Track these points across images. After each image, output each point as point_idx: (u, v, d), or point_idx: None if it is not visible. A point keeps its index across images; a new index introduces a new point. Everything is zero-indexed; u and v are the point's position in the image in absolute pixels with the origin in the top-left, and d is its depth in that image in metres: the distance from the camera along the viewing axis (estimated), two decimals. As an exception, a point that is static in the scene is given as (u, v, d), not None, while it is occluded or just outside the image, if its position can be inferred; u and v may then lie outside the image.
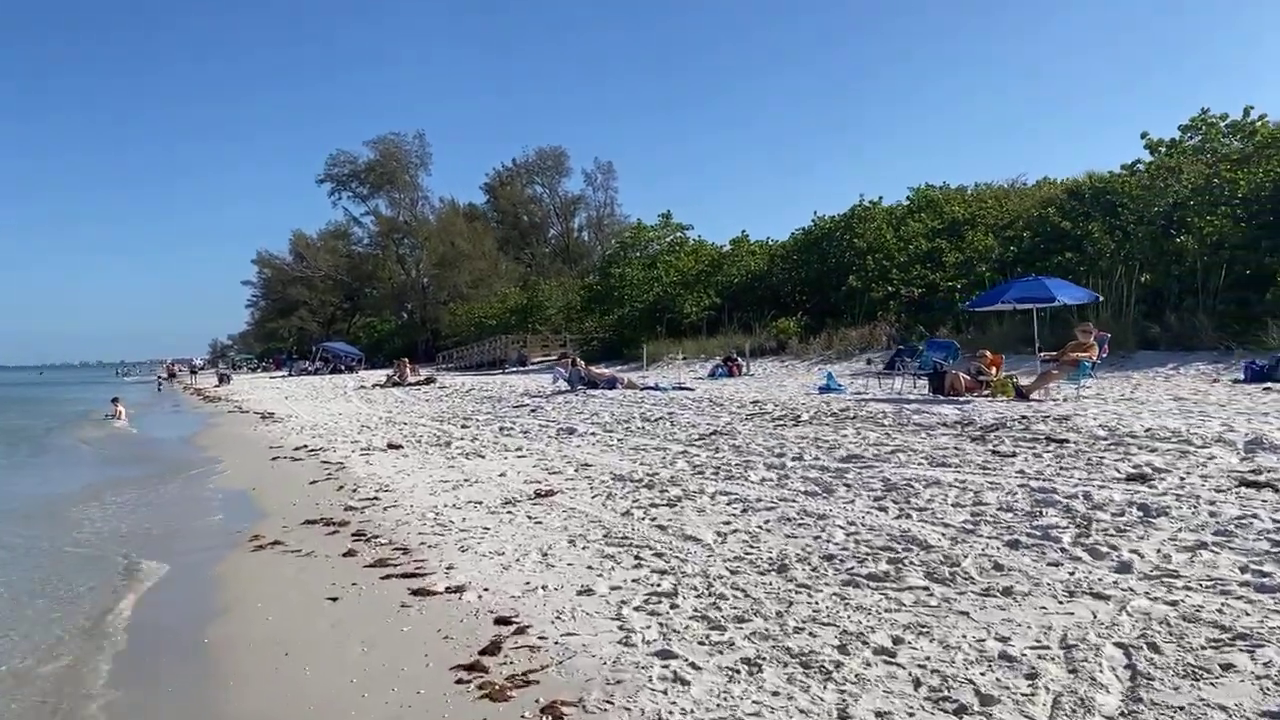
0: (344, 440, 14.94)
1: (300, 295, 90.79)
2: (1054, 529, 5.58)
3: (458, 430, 14.97)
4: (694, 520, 6.80)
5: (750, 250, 42.43)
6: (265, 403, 28.44)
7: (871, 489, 7.21)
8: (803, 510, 6.69)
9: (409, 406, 22.03)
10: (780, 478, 8.07)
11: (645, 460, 10.03)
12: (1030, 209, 32.88)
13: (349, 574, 6.18)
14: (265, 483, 11.07)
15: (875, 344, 27.26)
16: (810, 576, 5.13)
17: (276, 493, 10.18)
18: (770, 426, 11.71)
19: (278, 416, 21.90)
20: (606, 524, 6.95)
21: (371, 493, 9.52)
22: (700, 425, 12.44)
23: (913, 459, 8.38)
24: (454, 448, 12.54)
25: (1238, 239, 21.11)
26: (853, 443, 9.65)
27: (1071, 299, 14.07)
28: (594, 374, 19.38)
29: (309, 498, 9.59)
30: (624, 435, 12.28)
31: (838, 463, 8.54)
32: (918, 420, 10.79)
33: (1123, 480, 6.69)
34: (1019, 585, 4.68)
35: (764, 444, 10.17)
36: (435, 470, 10.74)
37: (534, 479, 9.50)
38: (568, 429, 13.32)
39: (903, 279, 32.00)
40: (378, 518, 8.15)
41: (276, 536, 7.64)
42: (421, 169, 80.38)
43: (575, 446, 11.65)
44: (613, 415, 14.60)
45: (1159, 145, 25.70)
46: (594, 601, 5.03)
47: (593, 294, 44.91)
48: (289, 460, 12.99)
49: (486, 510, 8.02)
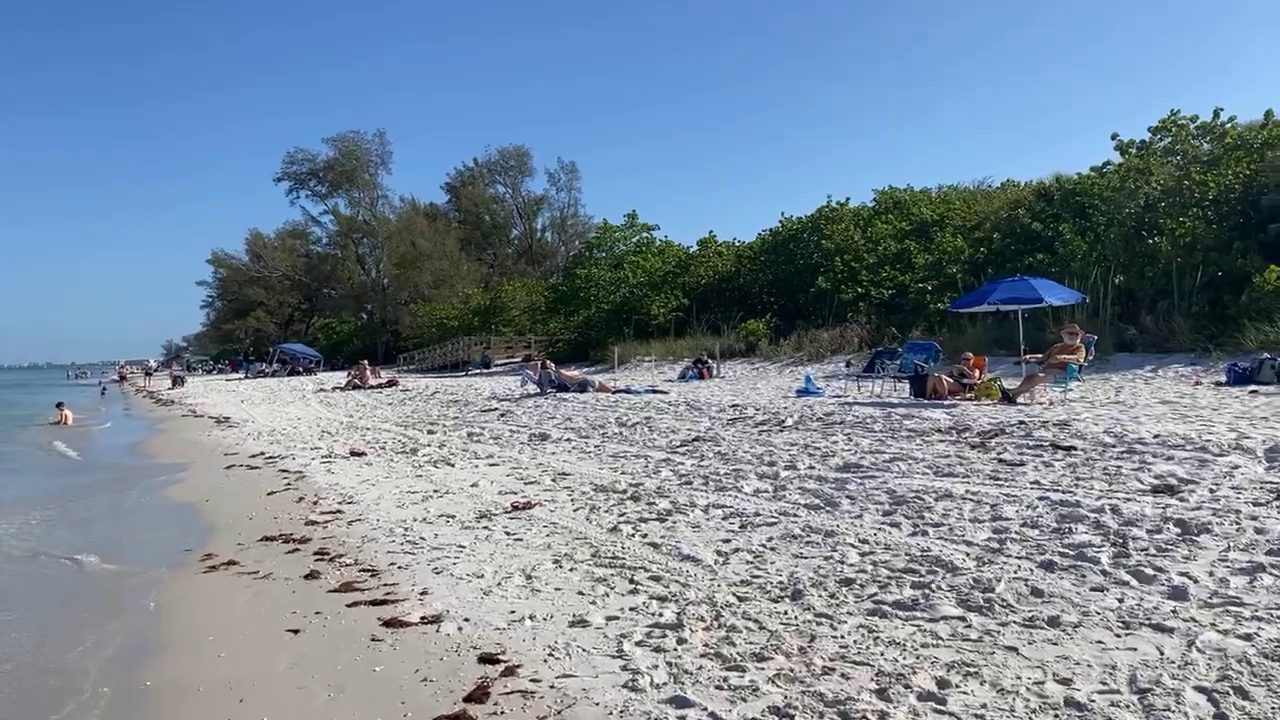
0: (303, 447, 14.24)
1: (257, 296, 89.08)
2: (1088, 548, 5.12)
3: (424, 436, 14.32)
4: (689, 537, 6.28)
5: (717, 251, 42.04)
6: (220, 406, 27.49)
7: (878, 502, 6.73)
8: (807, 526, 6.19)
9: (371, 410, 21.29)
10: (776, 489, 7.57)
11: (627, 469, 9.49)
12: (999, 210, 32.84)
13: (312, 600, 5.58)
14: (219, 494, 10.38)
15: (847, 346, 26.96)
16: (830, 604, 4.63)
17: (231, 505, 9.51)
18: (755, 432, 11.23)
19: (233, 421, 21.06)
20: (594, 541, 6.41)
21: (334, 505, 8.90)
22: (681, 431, 11.92)
23: (915, 468, 7.92)
24: (421, 455, 11.92)
25: (1210, 240, 21.05)
26: (846, 450, 9.19)
27: (1059, 300, 13.77)
28: (565, 377, 18.77)
29: (267, 511, 8.95)
30: (601, 441, 11.73)
31: (835, 472, 8.06)
32: (910, 426, 10.36)
33: (1149, 493, 6.27)
34: (1065, 614, 4.21)
35: (751, 451, 9.68)
36: (402, 480, 10.12)
37: (509, 489, 8.92)
38: (541, 435, 12.74)
39: (872, 280, 31.77)
40: (342, 534, 7.54)
41: (231, 556, 7.01)
42: (382, 168, 79.18)
43: (550, 454, 11.08)
44: (587, 420, 14.04)
45: (1129, 147, 25.63)
46: (590, 635, 4.49)
47: (558, 295, 44.26)
48: (245, 469, 12.29)
49: (460, 525, 7.44)
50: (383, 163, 78.89)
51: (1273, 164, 22.19)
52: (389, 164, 79.52)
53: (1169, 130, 25.21)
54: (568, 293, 43.31)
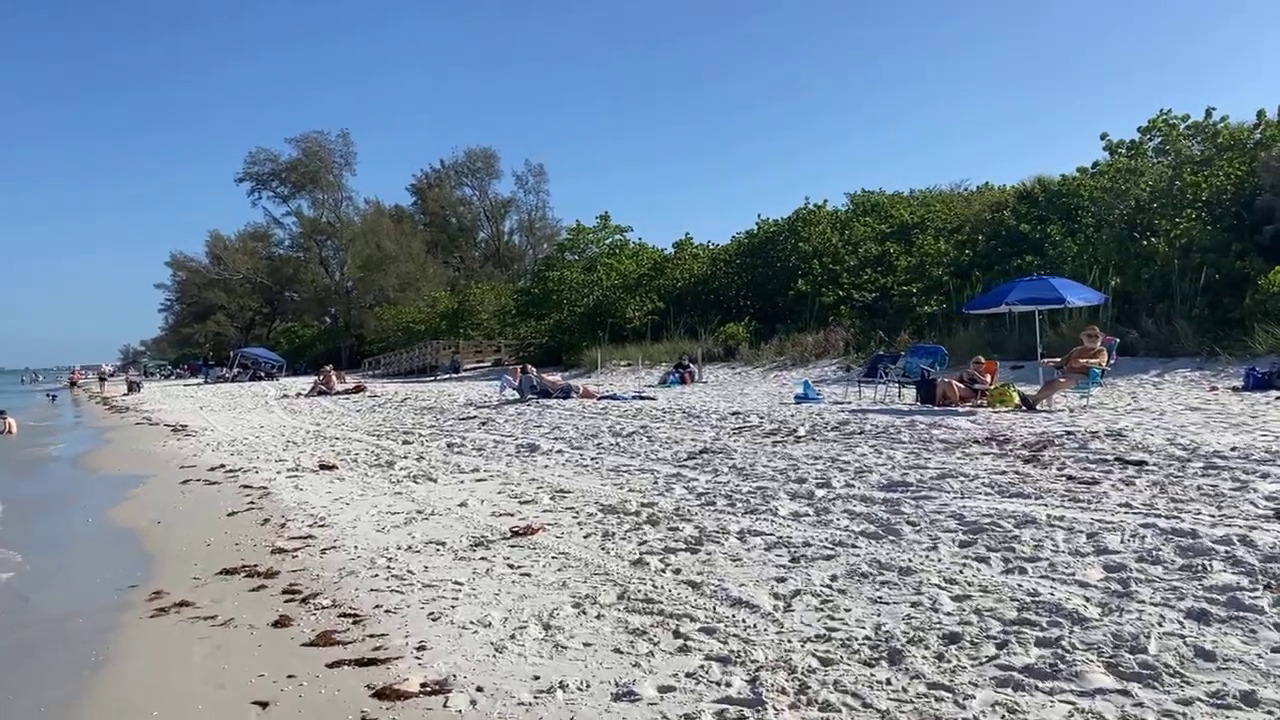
0: (267, 458, 13.10)
1: (217, 299, 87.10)
2: (1239, 592, 4.23)
3: (399, 447, 13.23)
4: (732, 573, 5.31)
5: (693, 253, 41.23)
6: (178, 413, 26.11)
7: (946, 529, 5.80)
8: (874, 560, 5.25)
9: (339, 418, 20.10)
10: (818, 512, 6.62)
11: (634, 485, 8.51)
12: (981, 213, 32.32)
13: (282, 657, 4.56)
14: (173, 514, 9.26)
15: (831, 350, 26.19)
16: (941, 670, 3.69)
17: (186, 528, 8.41)
18: (768, 443, 10.30)
19: (191, 429, 19.79)
20: (617, 577, 5.43)
21: (305, 528, 7.84)
22: (685, 441, 10.96)
23: (972, 486, 7.00)
24: (398, 469, 10.85)
25: (1207, 242, 20.50)
26: (881, 464, 8.27)
27: (1080, 300, 12.99)
28: (547, 382, 17.73)
29: (227, 535, 7.87)
30: (598, 453, 10.73)
31: (880, 491, 7.13)
32: (941, 436, 9.49)
33: (1273, 518, 5.40)
34: (1261, 689, 3.30)
35: (772, 466, 8.73)
36: (379, 498, 9.07)
37: (503, 510, 7.91)
38: (529, 446, 11.71)
39: (853, 283, 31.10)
40: (314, 564, 6.50)
41: (184, 594, 5.95)
42: (346, 169, 77.66)
43: (543, 468, 10.07)
44: (578, 429, 13.03)
45: (1119, 147, 25.11)
46: (643, 716, 3.52)
47: (530, 298, 43.16)
48: (203, 483, 11.15)
49: (453, 555, 6.43)
50: (346, 163, 77.49)
51: (1266, 164, 21.68)
52: (353, 165, 78.09)
53: (1159, 130, 24.74)
54: (539, 295, 42.22)
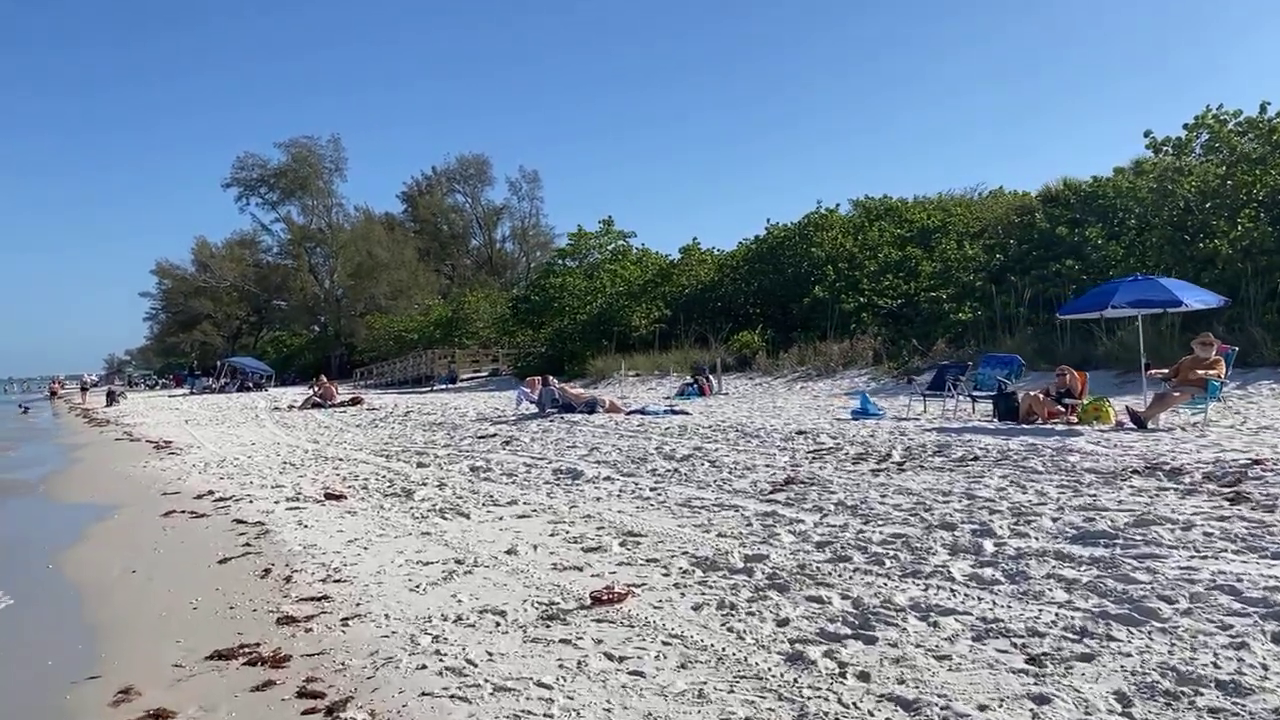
0: (262, 483, 11.46)
1: (203, 308, 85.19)
2: None
3: (414, 471, 11.58)
4: (953, 684, 3.71)
5: (700, 259, 39.79)
6: (162, 427, 24.36)
7: (1231, 610, 4.17)
8: (1165, 668, 3.64)
9: (339, 434, 18.42)
10: (1008, 576, 5.01)
11: (721, 527, 6.91)
12: (1006, 216, 31.01)
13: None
14: (151, 559, 7.62)
15: (859, 359, 24.68)
16: None
17: (167, 579, 6.80)
18: (863, 471, 8.72)
19: (176, 446, 18.10)
20: (776, 684, 3.84)
21: (316, 582, 6.24)
22: (757, 467, 9.35)
23: (1198, 539, 5.39)
24: (419, 499, 9.22)
25: (1271, 244, 19.13)
26: (1037, 504, 6.66)
27: (1198, 302, 11.47)
28: (570, 395, 16.08)
29: (218, 592, 6.25)
30: (655, 482, 9.11)
31: (1075, 546, 5.47)
32: (1085, 465, 7.91)
33: None
34: None
35: (888, 502, 7.14)
36: (404, 539, 7.45)
37: (566, 561, 6.31)
38: (570, 471, 10.07)
39: (874, 289, 29.66)
40: (336, 642, 4.91)
41: (161, 695, 4.35)
42: (336, 174, 75.94)
43: (595, 500, 8.45)
44: (620, 450, 11.41)
45: (1164, 144, 23.67)
46: None
47: (530, 305, 41.58)
48: (188, 516, 9.51)
49: (521, 632, 4.83)
50: (337, 169, 75.76)
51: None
52: (344, 170, 76.37)
53: (1208, 126, 23.35)
54: (539, 303, 40.62)
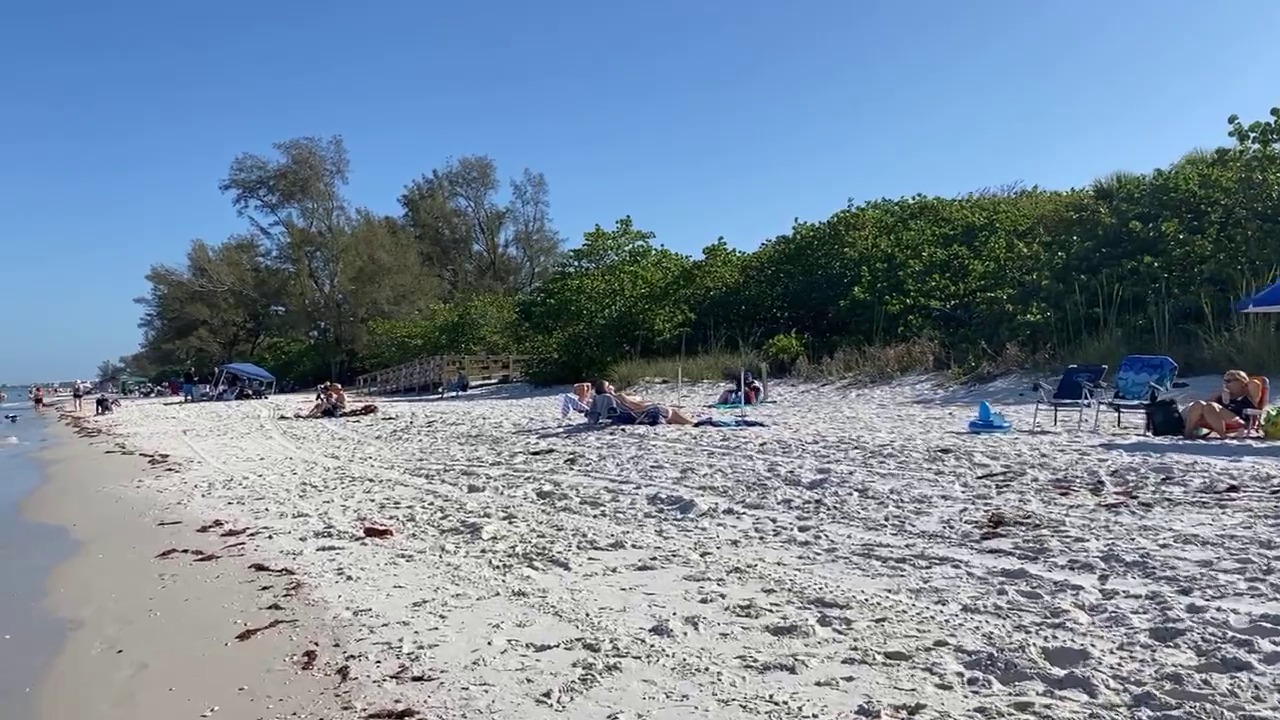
0: (281, 510, 9.44)
1: (200, 313, 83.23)
2: None
3: (465, 495, 9.54)
4: None
5: (726, 259, 37.94)
6: (158, 438, 22.29)
7: None
8: None
9: (358, 448, 16.37)
10: None
11: (948, 592, 4.91)
12: (1061, 212, 29.21)
13: None
14: (143, 626, 5.61)
15: (918, 364, 22.73)
16: None
17: (166, 661, 4.80)
18: (1095, 507, 6.70)
19: (174, 461, 16.07)
20: None
21: (387, 680, 4.24)
22: (931, 499, 7.34)
23: None
24: (489, 538, 7.19)
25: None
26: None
27: None
28: (629, 404, 14.05)
29: (243, 692, 4.25)
30: (798, 518, 7.08)
31: None
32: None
33: None
34: None
35: (1190, 557, 5.16)
36: (491, 601, 5.43)
37: (754, 649, 4.30)
38: (673, 500, 8.02)
39: (920, 290, 27.77)
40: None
41: None
42: (338, 176, 74.12)
43: (731, 543, 6.44)
44: (722, 472, 9.37)
45: (1252, 131, 21.76)
46: None
47: (547, 309, 39.63)
48: (192, 557, 7.49)
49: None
50: (339, 171, 74.06)
51: None
52: (345, 173, 74.57)
53: (1300, 111, 21.46)
54: (555, 306, 38.65)
